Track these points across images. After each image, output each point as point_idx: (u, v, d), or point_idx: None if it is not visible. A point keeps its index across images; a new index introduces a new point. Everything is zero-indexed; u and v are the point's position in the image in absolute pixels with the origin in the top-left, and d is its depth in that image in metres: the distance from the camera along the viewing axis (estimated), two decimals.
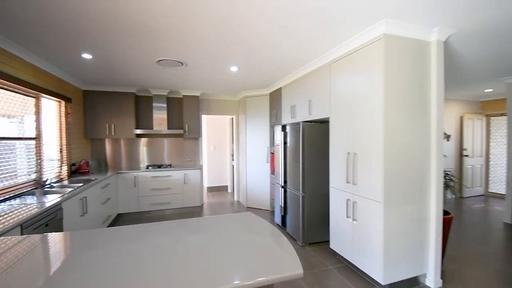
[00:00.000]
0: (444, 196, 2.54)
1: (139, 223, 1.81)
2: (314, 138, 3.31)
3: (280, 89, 4.28)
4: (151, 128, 5.02)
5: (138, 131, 4.75)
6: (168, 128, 5.10)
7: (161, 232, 1.54)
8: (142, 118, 5.05)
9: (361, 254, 2.48)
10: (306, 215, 3.30)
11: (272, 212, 4.73)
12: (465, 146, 5.97)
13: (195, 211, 4.87)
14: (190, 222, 1.75)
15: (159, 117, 4.92)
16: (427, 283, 2.38)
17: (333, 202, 2.91)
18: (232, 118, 6.16)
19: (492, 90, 5.02)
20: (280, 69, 3.53)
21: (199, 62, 3.21)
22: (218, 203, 5.56)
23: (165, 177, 4.69)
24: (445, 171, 2.61)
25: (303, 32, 2.36)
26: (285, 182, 3.76)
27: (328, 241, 3.13)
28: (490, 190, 6.04)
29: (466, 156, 5.96)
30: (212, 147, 6.65)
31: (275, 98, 4.51)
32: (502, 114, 5.73)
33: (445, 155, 2.53)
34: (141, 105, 5.04)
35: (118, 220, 4.36)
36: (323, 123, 3.32)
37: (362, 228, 2.46)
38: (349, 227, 2.63)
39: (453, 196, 5.43)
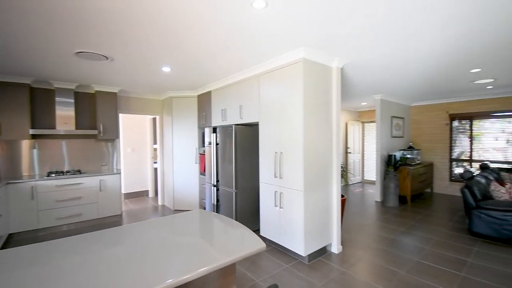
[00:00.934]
0: (340, 183, 3.39)
1: (41, 242, 1.48)
2: (245, 140, 3.68)
3: (209, 92, 4.47)
4: (53, 127, 4.23)
5: (34, 131, 3.92)
6: (77, 128, 4.42)
7: (72, 250, 1.29)
8: (41, 116, 4.19)
9: (287, 235, 3.01)
10: (238, 210, 3.63)
11: None
12: (349, 145, 7.75)
13: (114, 221, 4.43)
14: (112, 231, 1.56)
15: (64, 114, 4.20)
16: (332, 250, 3.14)
17: (263, 195, 3.35)
18: (155, 118, 5.86)
19: (366, 103, 6.76)
20: (213, 75, 3.73)
21: (129, 59, 3.04)
22: (141, 209, 5.20)
23: (75, 185, 4.06)
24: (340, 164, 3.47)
25: (237, 49, 2.68)
26: (217, 181, 3.98)
27: (259, 230, 3.57)
28: (365, 178, 8.07)
29: (350, 153, 7.76)
30: (129, 149, 6.10)
31: (204, 100, 4.65)
32: (372, 121, 7.79)
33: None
34: (38, 100, 4.17)
35: (10, 241, 3.50)
36: (253, 126, 3.74)
37: (287, 214, 2.98)
38: (276, 214, 3.13)
39: (343, 183, 6.95)
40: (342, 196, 3.56)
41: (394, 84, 4.41)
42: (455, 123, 6.31)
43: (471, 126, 6.08)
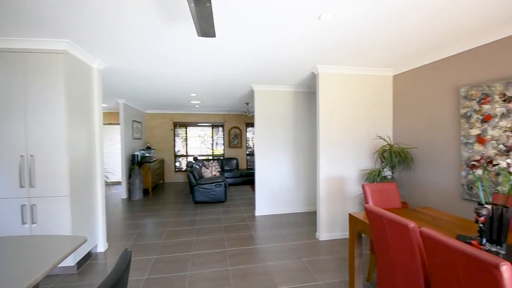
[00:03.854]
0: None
1: None
2: None
3: None
4: None
5: None
6: None
7: None
8: None
9: None
10: None
11: None
12: None
13: None
14: None
15: None
16: (99, 249, 3.17)
17: None
18: None
19: (106, 105, 6.78)
20: None
21: None
22: None
23: None
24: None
25: None
26: None
27: None
28: (108, 180, 7.92)
29: None
30: None
31: None
32: (110, 123, 7.88)
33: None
34: None
35: None
36: None
37: (44, 229, 2.54)
38: (26, 233, 2.50)
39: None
40: None
41: (136, 92, 5.12)
42: (177, 129, 8.47)
43: (186, 131, 8.53)
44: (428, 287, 1.40)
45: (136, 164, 6.18)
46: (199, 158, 8.44)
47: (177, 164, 8.51)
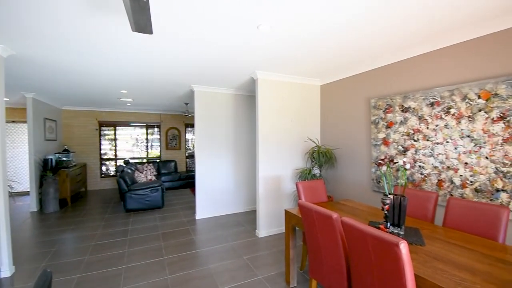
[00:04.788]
0: None
1: None
2: None
3: None
4: None
5: None
6: None
7: None
8: None
9: None
10: None
11: None
12: None
13: None
14: None
15: None
16: (3, 275, 2.59)
17: None
18: None
19: (8, 99, 5.55)
20: None
21: None
22: None
23: None
24: None
25: None
26: None
27: None
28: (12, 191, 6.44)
29: None
30: None
31: None
32: (14, 121, 6.45)
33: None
34: None
35: None
36: None
37: None
38: None
39: None
40: None
41: (51, 85, 4.38)
42: (104, 129, 7.54)
43: (115, 132, 7.68)
44: (349, 268, 1.66)
45: (49, 170, 5.25)
46: (132, 161, 7.71)
47: (104, 168, 7.57)
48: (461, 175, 2.31)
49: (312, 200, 2.83)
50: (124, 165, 6.07)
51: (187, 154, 8.54)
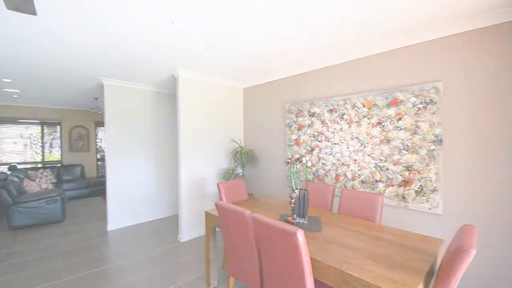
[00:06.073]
0: None
1: None
2: None
3: None
4: None
5: None
6: None
7: None
8: None
9: None
10: None
11: None
12: None
13: None
14: None
15: None
16: None
17: None
18: None
19: None
20: None
21: None
22: None
23: None
24: None
25: None
26: None
27: None
28: None
29: None
30: None
31: None
32: None
33: None
34: None
35: None
36: None
37: None
38: None
39: None
40: None
41: None
42: None
43: None
44: (261, 262, 1.79)
45: None
46: (20, 167, 6.22)
47: None
48: (352, 170, 2.80)
49: (233, 199, 2.91)
50: (8, 172, 4.85)
51: (98, 157, 7.47)
